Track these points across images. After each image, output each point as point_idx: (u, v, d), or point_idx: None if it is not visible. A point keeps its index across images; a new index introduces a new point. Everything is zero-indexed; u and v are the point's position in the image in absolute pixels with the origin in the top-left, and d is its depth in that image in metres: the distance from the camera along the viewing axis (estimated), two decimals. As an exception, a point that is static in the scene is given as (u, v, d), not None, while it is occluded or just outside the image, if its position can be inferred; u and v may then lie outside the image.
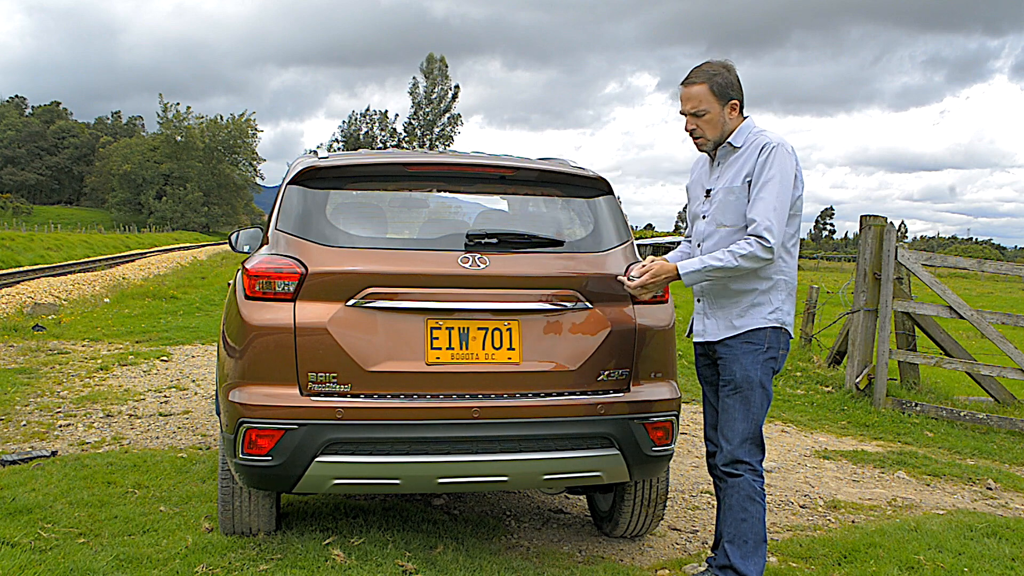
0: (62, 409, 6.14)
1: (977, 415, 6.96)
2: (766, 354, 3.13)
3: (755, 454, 3.15)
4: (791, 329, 3.22)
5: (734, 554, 3.11)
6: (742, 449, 3.13)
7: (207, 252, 44.74)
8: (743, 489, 3.12)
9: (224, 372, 3.33)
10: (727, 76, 3.16)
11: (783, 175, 3.05)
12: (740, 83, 3.20)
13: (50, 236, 42.40)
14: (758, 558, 3.10)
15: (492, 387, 3.20)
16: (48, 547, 3.45)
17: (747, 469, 3.12)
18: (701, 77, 3.16)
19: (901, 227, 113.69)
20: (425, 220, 3.84)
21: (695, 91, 3.16)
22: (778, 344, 3.16)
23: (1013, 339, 7.91)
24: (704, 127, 3.18)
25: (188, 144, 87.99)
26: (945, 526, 4.18)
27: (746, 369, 3.12)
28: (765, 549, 3.15)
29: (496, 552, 3.71)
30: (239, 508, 3.53)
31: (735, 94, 3.17)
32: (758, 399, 3.13)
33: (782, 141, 3.10)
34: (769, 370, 3.16)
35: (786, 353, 3.22)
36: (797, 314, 11.46)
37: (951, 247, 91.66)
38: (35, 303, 14.28)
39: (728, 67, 3.19)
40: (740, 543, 3.10)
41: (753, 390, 3.12)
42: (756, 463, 3.14)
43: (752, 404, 3.13)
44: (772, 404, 7.46)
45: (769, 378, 3.17)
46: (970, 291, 30.66)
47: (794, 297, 3.22)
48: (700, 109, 3.16)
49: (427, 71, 76.40)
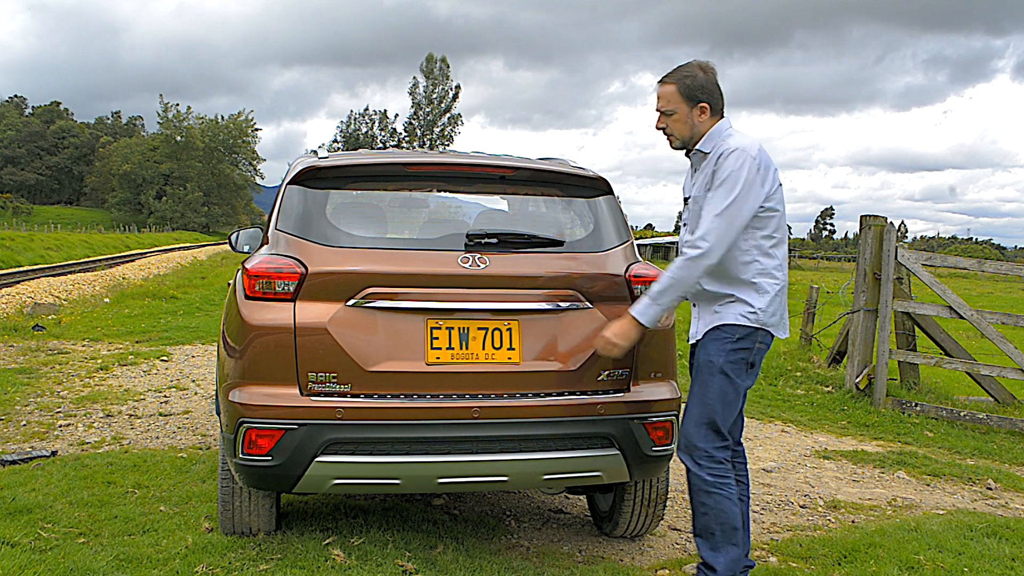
0: (62, 409, 6.14)
1: (977, 415, 6.96)
2: (735, 344, 3.08)
3: (711, 439, 3.09)
4: (777, 330, 3.17)
5: (703, 547, 3.11)
6: (698, 433, 3.09)
7: (207, 252, 44.74)
8: (694, 484, 3.11)
9: (224, 372, 3.33)
10: (699, 78, 3.15)
11: (733, 181, 3.01)
12: (715, 86, 3.17)
13: (50, 236, 42.40)
14: (729, 547, 3.06)
15: (492, 387, 3.20)
16: (48, 547, 3.45)
17: (703, 456, 3.08)
18: (672, 77, 3.18)
19: (901, 227, 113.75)
20: (425, 220, 3.85)
21: (665, 90, 3.19)
22: (753, 341, 3.09)
23: (1013, 339, 7.91)
24: (672, 126, 3.20)
25: (188, 144, 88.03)
26: (945, 526, 4.18)
27: (709, 354, 3.11)
28: (739, 535, 3.10)
29: (496, 552, 3.71)
30: (239, 508, 3.53)
31: (704, 96, 3.14)
32: (716, 385, 3.08)
33: (741, 145, 3.05)
34: (738, 362, 3.09)
35: (763, 350, 3.15)
36: (797, 314, 11.46)
37: (951, 247, 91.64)
38: (35, 303, 14.28)
39: (705, 68, 3.17)
40: (707, 535, 3.09)
41: (713, 375, 3.09)
42: (712, 449, 3.09)
43: (708, 389, 3.09)
44: (772, 404, 7.56)
45: (737, 370, 3.09)
46: (970, 291, 30.66)
47: (782, 298, 3.17)
48: (668, 108, 3.18)
49: (427, 71, 76.41)
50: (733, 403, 3.12)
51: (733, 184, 3.01)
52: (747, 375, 3.15)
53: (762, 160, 3.06)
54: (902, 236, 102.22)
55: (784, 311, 3.21)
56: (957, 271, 41.44)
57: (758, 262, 3.10)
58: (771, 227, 3.11)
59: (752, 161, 3.03)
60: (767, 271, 3.11)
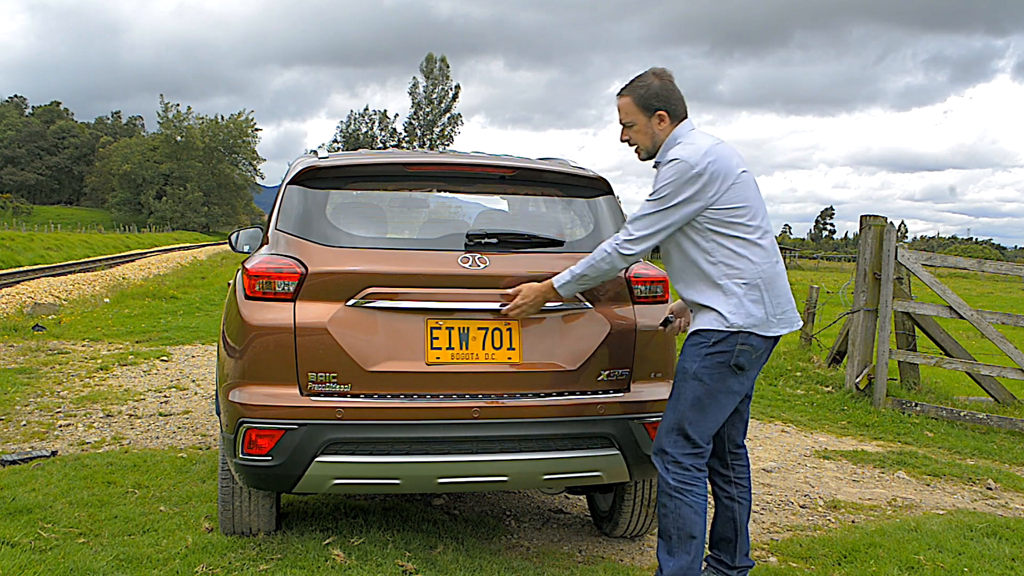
0: (62, 409, 6.14)
1: (977, 415, 6.96)
2: (711, 349, 3.04)
3: (680, 446, 3.05)
4: (766, 329, 3.05)
5: (660, 547, 3.09)
6: (668, 439, 3.08)
7: (207, 252, 44.74)
8: (659, 485, 3.09)
9: (224, 372, 3.33)
10: (653, 87, 3.13)
11: (661, 192, 3.00)
12: (671, 91, 3.13)
13: (50, 236, 42.40)
14: (682, 554, 3.04)
15: (492, 387, 3.20)
16: (48, 547, 3.45)
17: (670, 461, 3.06)
18: (628, 89, 3.18)
19: (901, 227, 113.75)
20: (425, 220, 3.85)
21: (622, 103, 3.19)
22: (732, 344, 3.01)
23: (1013, 339, 7.91)
24: (635, 137, 3.20)
25: (188, 144, 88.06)
26: (945, 526, 4.18)
27: (684, 360, 3.09)
28: (694, 545, 3.04)
29: (496, 552, 3.71)
30: (239, 508, 3.53)
31: (660, 104, 3.12)
32: (688, 391, 3.05)
33: (681, 155, 3.01)
34: (716, 367, 3.02)
35: (749, 352, 3.04)
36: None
37: (951, 247, 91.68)
38: (35, 303, 14.28)
39: (660, 75, 3.15)
40: (665, 537, 3.07)
41: (686, 381, 3.06)
42: (679, 455, 3.06)
43: (682, 395, 3.07)
44: (772, 404, 7.56)
45: (714, 375, 3.03)
46: (970, 291, 30.66)
47: (769, 295, 3.04)
48: (628, 120, 3.18)
49: (427, 71, 76.36)
50: (710, 409, 3.06)
51: (661, 194, 3.01)
52: (732, 379, 3.06)
53: (708, 166, 2.99)
54: (902, 236, 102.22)
55: (777, 307, 3.07)
56: (957, 271, 41.44)
57: (724, 264, 3.03)
58: (738, 229, 3.03)
59: (689, 169, 2.98)
60: (735, 273, 3.02)
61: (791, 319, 3.14)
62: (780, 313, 3.09)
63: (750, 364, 3.08)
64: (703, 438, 3.08)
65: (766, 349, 3.11)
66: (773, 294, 3.07)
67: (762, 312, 3.04)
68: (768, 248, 3.08)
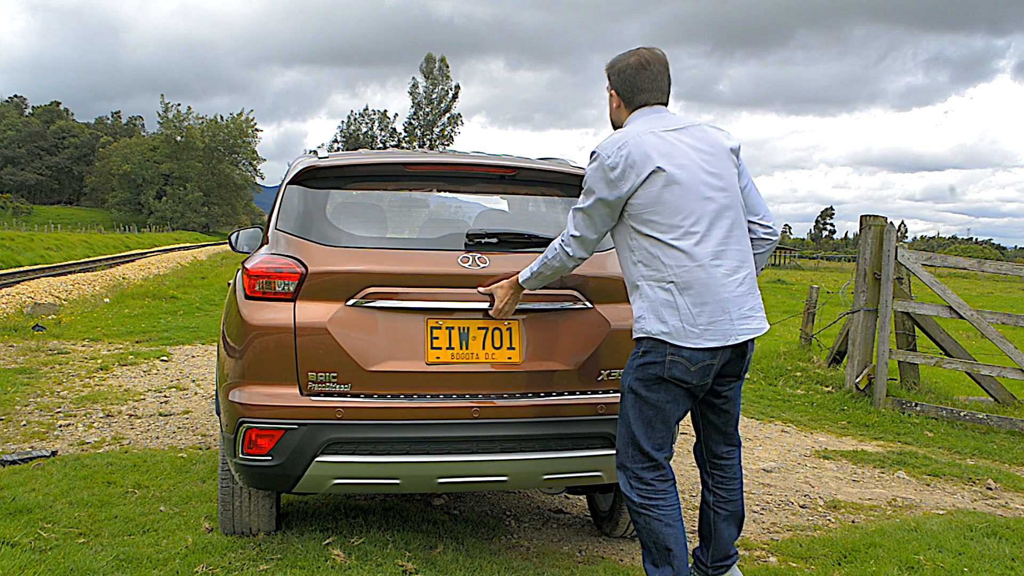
0: (62, 409, 6.15)
1: (977, 415, 6.96)
2: (641, 359, 2.88)
3: (637, 460, 2.93)
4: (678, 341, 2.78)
5: (644, 558, 3.03)
6: (625, 453, 2.99)
7: (207, 252, 44.75)
8: (626, 504, 3.02)
9: (224, 372, 3.33)
10: (617, 64, 3.00)
11: (585, 179, 2.95)
12: (632, 75, 2.95)
13: (50, 236, 42.41)
14: (666, 565, 2.94)
15: (492, 387, 3.20)
16: (48, 547, 3.45)
17: (632, 476, 2.96)
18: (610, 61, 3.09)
19: (901, 227, 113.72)
20: (425, 220, 3.85)
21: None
22: (662, 355, 2.81)
23: (1013, 339, 7.91)
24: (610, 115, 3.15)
25: (188, 144, 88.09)
26: (945, 526, 4.17)
27: (624, 375, 3.00)
28: (672, 556, 2.91)
29: (496, 552, 3.71)
30: (239, 508, 3.53)
31: (613, 83, 3.01)
32: (627, 404, 2.96)
33: (597, 148, 2.90)
34: (648, 377, 2.86)
35: (679, 365, 2.80)
36: (797, 314, 11.42)
37: (951, 247, 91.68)
38: (35, 303, 14.29)
39: (636, 54, 2.98)
40: (647, 550, 3.00)
41: (624, 396, 2.99)
42: (638, 469, 2.93)
43: (624, 410, 2.98)
44: (772, 404, 7.57)
45: (648, 386, 2.87)
46: (970, 291, 30.67)
47: (674, 303, 2.79)
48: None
49: (427, 71, 76.38)
50: (655, 421, 2.89)
51: (584, 189, 2.95)
52: (676, 389, 2.86)
53: (621, 159, 2.81)
54: (902, 236, 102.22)
55: (700, 316, 2.78)
56: (957, 271, 41.46)
57: (642, 264, 2.87)
58: (653, 227, 2.82)
59: (601, 161, 2.85)
60: (650, 275, 2.85)
61: (726, 331, 2.80)
62: (708, 323, 2.79)
63: (691, 376, 2.83)
64: (657, 449, 2.93)
65: (715, 361, 2.84)
66: (694, 301, 2.79)
67: (676, 320, 2.79)
68: (692, 252, 2.79)
